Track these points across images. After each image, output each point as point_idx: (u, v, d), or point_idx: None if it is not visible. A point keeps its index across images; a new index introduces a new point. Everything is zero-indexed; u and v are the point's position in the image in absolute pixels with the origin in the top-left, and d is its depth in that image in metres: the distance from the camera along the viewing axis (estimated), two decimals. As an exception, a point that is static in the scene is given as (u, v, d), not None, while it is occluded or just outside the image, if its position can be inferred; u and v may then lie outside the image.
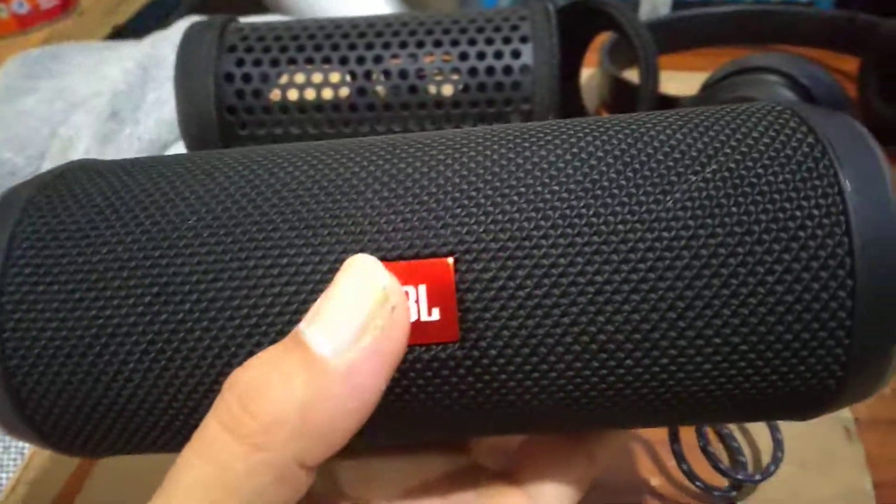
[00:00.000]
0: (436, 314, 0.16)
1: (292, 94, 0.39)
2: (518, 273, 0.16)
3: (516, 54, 0.38)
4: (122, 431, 0.17)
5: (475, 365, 0.16)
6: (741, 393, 0.16)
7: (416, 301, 0.16)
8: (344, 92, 0.39)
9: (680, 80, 0.54)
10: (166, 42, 0.69)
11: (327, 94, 0.39)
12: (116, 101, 0.61)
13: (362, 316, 0.14)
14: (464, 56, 0.38)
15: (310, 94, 0.39)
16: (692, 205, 0.16)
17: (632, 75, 0.49)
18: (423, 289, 0.16)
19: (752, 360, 0.16)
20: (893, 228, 0.15)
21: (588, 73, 0.55)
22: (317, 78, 0.39)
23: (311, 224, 0.16)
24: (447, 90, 0.39)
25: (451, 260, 0.16)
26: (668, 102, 0.45)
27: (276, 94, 0.39)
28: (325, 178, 0.17)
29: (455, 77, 0.39)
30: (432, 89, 0.39)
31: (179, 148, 0.58)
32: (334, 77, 0.39)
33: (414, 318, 0.16)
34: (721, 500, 0.28)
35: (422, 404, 0.17)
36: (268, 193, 0.17)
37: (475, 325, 0.16)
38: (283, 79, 0.39)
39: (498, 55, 0.38)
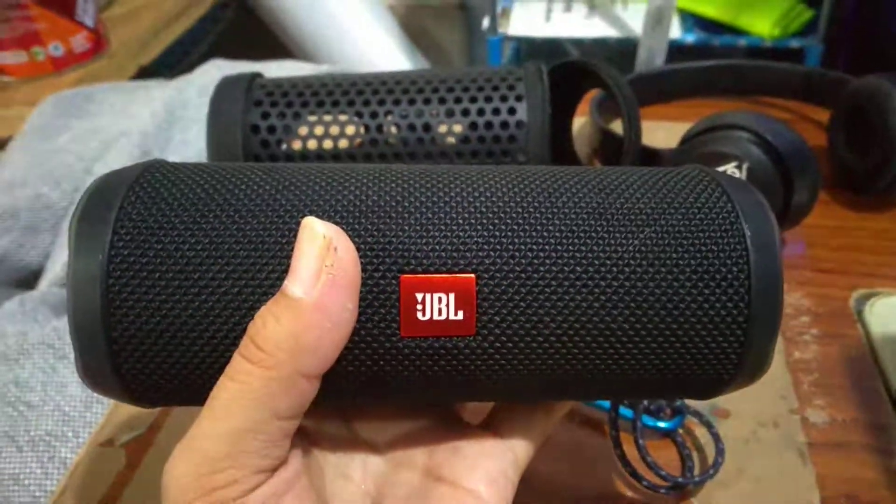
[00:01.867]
0: (460, 315, 0.21)
1: (312, 144, 0.44)
2: (523, 289, 0.21)
3: (512, 111, 0.43)
4: (194, 388, 0.22)
5: (483, 353, 0.21)
6: (672, 377, 0.23)
7: (447, 305, 0.21)
8: (358, 142, 0.44)
9: (665, 130, 0.58)
10: (191, 86, 0.74)
11: (343, 143, 0.44)
12: (146, 142, 0.66)
13: (315, 262, 0.19)
14: (466, 112, 0.43)
15: (327, 144, 0.44)
16: (646, 250, 0.22)
17: (618, 126, 0.54)
18: (451, 296, 0.21)
19: (681, 353, 0.22)
20: (777, 278, 0.22)
21: (580, 122, 0.60)
22: (334, 130, 0.43)
23: (367, 241, 0.21)
24: (450, 141, 0.44)
25: (473, 276, 0.21)
26: (650, 153, 0.49)
27: (297, 144, 0.44)
28: (375, 203, 0.22)
29: (457, 130, 0.43)
30: (437, 141, 0.44)
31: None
32: (349, 129, 0.44)
33: (444, 317, 0.21)
34: (662, 496, 0.33)
35: (441, 379, 0.22)
36: (330, 213, 0.21)
37: (487, 324, 0.21)
38: (304, 130, 0.44)
39: (495, 112, 0.43)
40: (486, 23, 1.32)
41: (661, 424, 0.35)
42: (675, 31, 1.27)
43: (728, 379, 0.23)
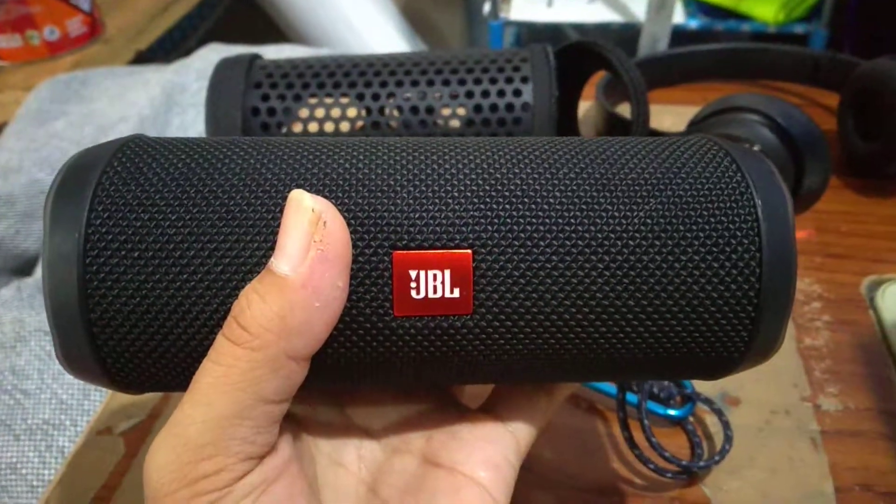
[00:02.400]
0: (456, 293, 0.20)
1: (313, 127, 0.43)
2: (521, 265, 0.20)
3: (518, 93, 0.42)
4: (177, 371, 0.21)
5: (482, 332, 0.20)
6: (679, 355, 0.21)
7: (443, 282, 0.20)
8: (360, 125, 0.43)
9: (673, 114, 0.57)
10: (189, 70, 0.73)
11: (344, 126, 0.43)
12: (144, 126, 0.65)
13: (303, 237, 0.18)
14: (470, 94, 0.42)
15: (329, 127, 0.43)
16: (651, 222, 0.20)
17: (624, 110, 0.53)
18: (447, 273, 0.20)
19: (688, 330, 0.21)
20: (790, 250, 0.20)
21: (586, 106, 0.59)
22: (335, 112, 0.42)
23: (358, 216, 0.20)
24: (454, 124, 0.43)
25: (470, 252, 0.20)
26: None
27: (297, 127, 0.43)
28: (366, 177, 0.21)
29: (461, 112, 0.42)
30: (441, 123, 0.43)
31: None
32: (351, 112, 0.43)
33: (440, 295, 0.20)
34: (668, 481, 0.32)
35: (438, 360, 0.21)
36: (318, 187, 0.20)
37: (485, 302, 0.20)
38: (304, 113, 0.43)
39: (501, 94, 0.42)
40: (487, 7, 1.30)
41: (672, 412, 0.34)
42: (679, 16, 1.25)
43: (738, 357, 0.22)
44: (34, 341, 0.45)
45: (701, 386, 0.36)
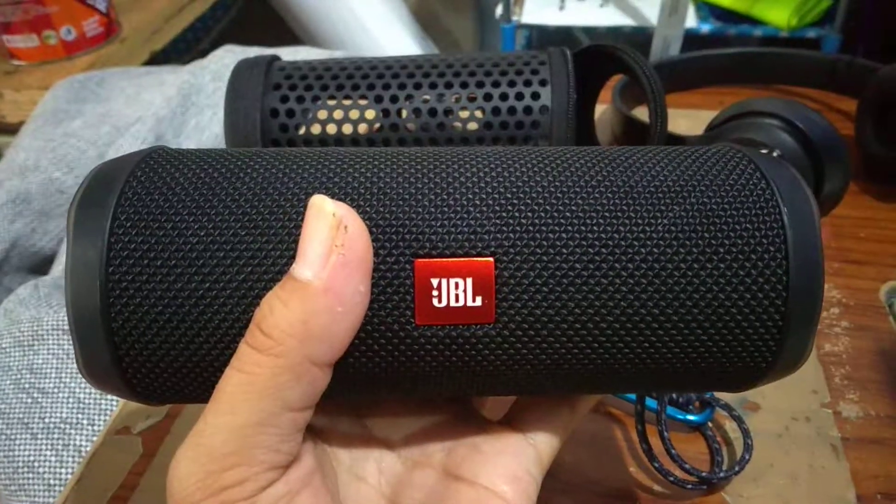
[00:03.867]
0: (478, 301, 0.20)
1: (331, 129, 0.43)
2: (544, 273, 0.20)
3: (536, 96, 0.42)
4: (198, 382, 0.21)
5: (504, 342, 0.20)
6: (705, 367, 0.21)
7: (464, 290, 0.20)
8: (377, 127, 0.43)
9: (688, 117, 0.57)
10: (205, 71, 0.73)
11: (362, 128, 0.43)
12: (160, 127, 0.65)
13: (325, 242, 0.18)
14: (488, 97, 0.42)
15: (347, 129, 0.43)
16: (675, 229, 0.20)
17: (640, 113, 0.53)
18: (469, 281, 0.20)
19: (714, 341, 0.20)
20: (817, 259, 0.20)
21: (601, 109, 0.59)
22: (353, 114, 0.42)
23: (379, 224, 0.20)
24: (472, 127, 0.43)
25: (492, 260, 0.20)
26: (676, 141, 0.48)
27: (316, 128, 0.43)
28: (388, 185, 0.21)
29: (479, 115, 0.42)
30: (458, 126, 0.43)
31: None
32: (369, 114, 0.43)
33: (462, 303, 0.20)
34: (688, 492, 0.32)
35: (459, 370, 0.21)
36: (340, 195, 0.20)
37: (507, 311, 0.20)
38: (323, 114, 0.43)
39: (519, 97, 0.42)
40: (499, 10, 1.30)
41: (691, 418, 0.34)
42: (691, 20, 1.25)
43: (765, 369, 0.21)
44: (52, 340, 0.45)
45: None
